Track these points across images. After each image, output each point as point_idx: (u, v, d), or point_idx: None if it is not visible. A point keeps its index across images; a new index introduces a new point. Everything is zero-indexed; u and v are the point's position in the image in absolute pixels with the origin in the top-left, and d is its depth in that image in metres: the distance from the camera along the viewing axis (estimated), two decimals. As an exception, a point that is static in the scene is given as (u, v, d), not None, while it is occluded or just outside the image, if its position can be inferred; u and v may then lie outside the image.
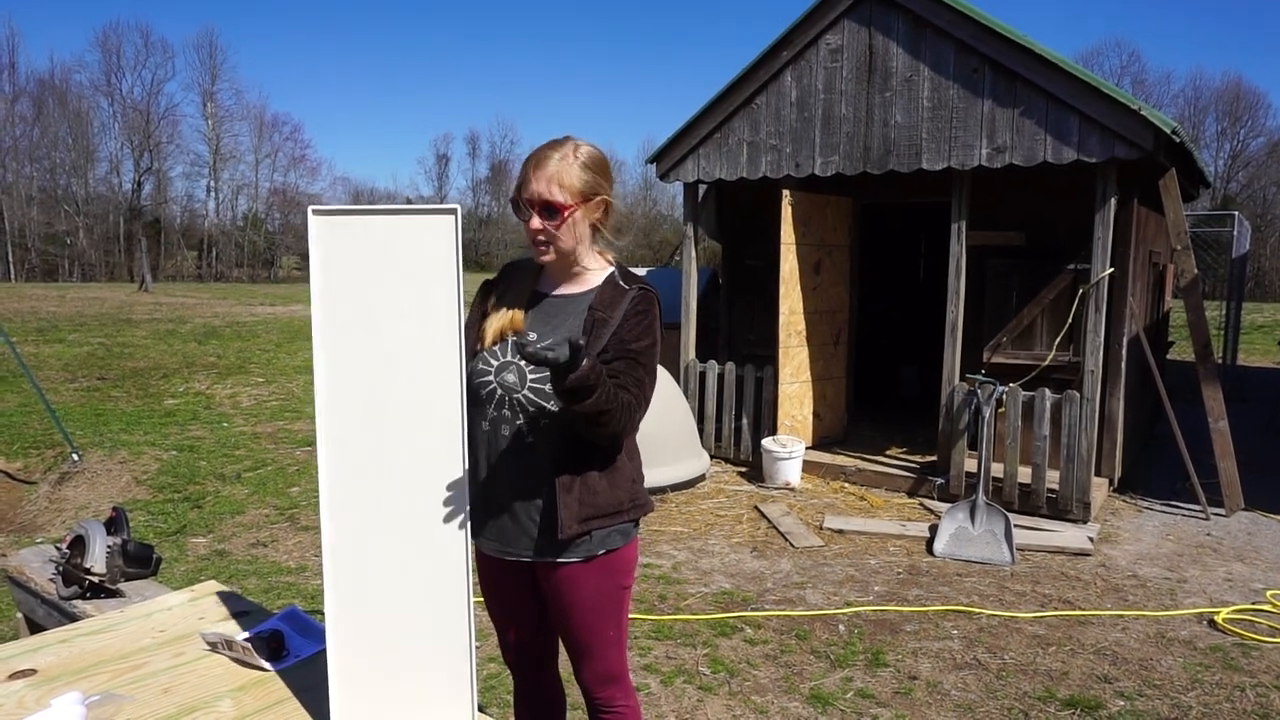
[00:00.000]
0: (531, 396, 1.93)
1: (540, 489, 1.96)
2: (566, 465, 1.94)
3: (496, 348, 1.99)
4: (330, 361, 1.75)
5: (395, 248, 1.73)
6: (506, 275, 2.13)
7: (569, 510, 1.92)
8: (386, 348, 1.75)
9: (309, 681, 1.88)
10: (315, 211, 1.73)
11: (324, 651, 1.96)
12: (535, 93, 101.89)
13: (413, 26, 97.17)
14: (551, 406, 1.91)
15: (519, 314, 2.00)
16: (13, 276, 41.15)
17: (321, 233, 1.73)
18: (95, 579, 2.62)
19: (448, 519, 1.77)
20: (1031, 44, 5.74)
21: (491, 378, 1.96)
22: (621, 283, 2.00)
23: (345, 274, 1.74)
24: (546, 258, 1.97)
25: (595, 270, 2.03)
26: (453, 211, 1.73)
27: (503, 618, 2.19)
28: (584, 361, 1.69)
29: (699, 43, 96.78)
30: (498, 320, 2.01)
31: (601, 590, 2.05)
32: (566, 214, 1.90)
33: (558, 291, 2.04)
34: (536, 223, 1.91)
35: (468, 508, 1.77)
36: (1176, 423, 6.35)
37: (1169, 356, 10.58)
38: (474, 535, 2.07)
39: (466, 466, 1.77)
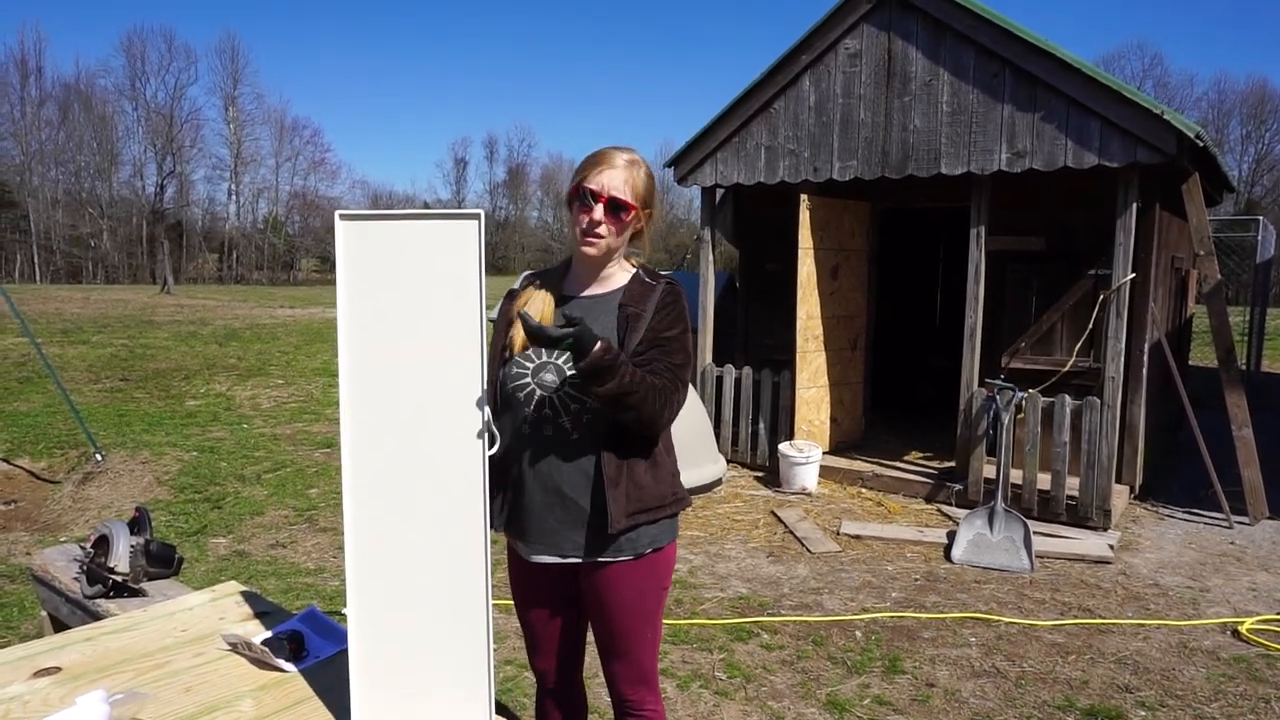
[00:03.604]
0: (573, 393, 1.93)
1: (587, 485, 1.96)
2: (613, 460, 1.94)
3: (530, 350, 1.99)
4: (354, 363, 1.78)
5: (419, 251, 1.75)
6: (530, 283, 2.13)
7: (617, 504, 1.93)
8: (410, 349, 1.77)
9: (328, 682, 1.90)
10: (342, 216, 1.76)
11: (343, 652, 1.98)
12: (553, 97, 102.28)
13: (431, 31, 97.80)
14: (593, 401, 1.90)
15: (549, 310, 2.01)
16: (38, 278, 41.71)
17: (347, 237, 1.76)
18: (119, 578, 2.65)
19: (467, 519, 1.78)
20: (1052, 47, 5.70)
21: (529, 379, 1.97)
22: (648, 280, 2.05)
23: (370, 277, 1.76)
24: (592, 250, 1.99)
25: (621, 272, 2.07)
26: (476, 216, 1.75)
27: (538, 622, 2.18)
28: (598, 343, 1.77)
29: (717, 47, 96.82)
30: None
31: (645, 590, 2.07)
32: (632, 215, 1.98)
33: (585, 293, 2.06)
34: (600, 214, 1.95)
35: (487, 507, 1.78)
36: (1199, 429, 6.28)
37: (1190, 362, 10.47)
38: (515, 539, 2.08)
39: (487, 468, 1.78)
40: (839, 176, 6.65)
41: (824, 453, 6.91)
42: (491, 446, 1.81)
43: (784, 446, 6.71)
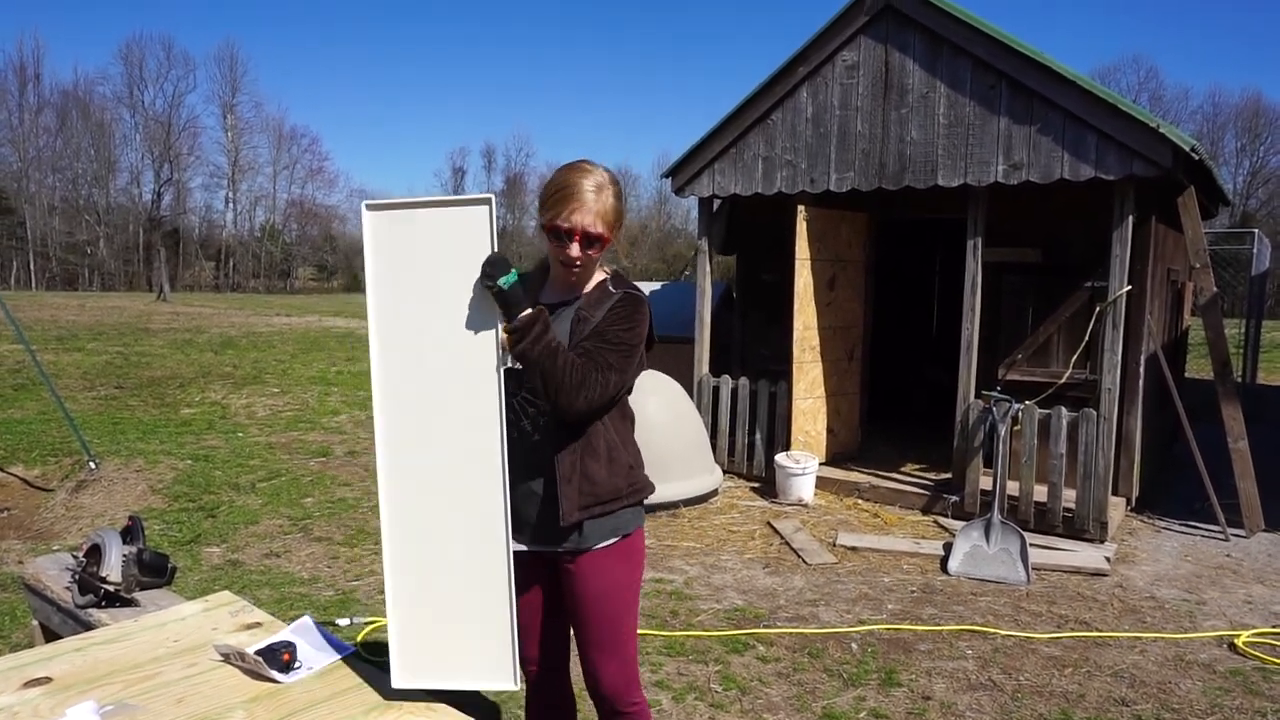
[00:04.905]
0: (530, 397, 2.08)
1: (545, 481, 2.11)
2: (566, 458, 2.08)
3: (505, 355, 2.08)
4: (383, 342, 1.92)
5: (437, 237, 1.89)
6: None
7: (569, 500, 2.08)
8: (432, 328, 1.91)
9: (321, 693, 1.89)
10: (369, 206, 1.91)
11: (336, 663, 1.97)
12: (551, 106, 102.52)
13: (430, 40, 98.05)
14: (546, 404, 2.05)
15: None
16: (34, 285, 41.65)
17: (373, 226, 1.90)
18: (111, 588, 2.63)
19: (487, 488, 1.92)
20: (1048, 60, 5.73)
21: None
22: (611, 288, 2.17)
23: (394, 263, 1.90)
24: (574, 279, 2.13)
25: (594, 279, 2.20)
26: (487, 201, 1.89)
27: (519, 617, 2.24)
28: (527, 308, 1.92)
29: (715, 57, 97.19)
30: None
31: (617, 579, 2.19)
32: (606, 244, 2.09)
33: (558, 300, 2.19)
34: (577, 251, 2.05)
35: (506, 478, 1.92)
36: (1195, 442, 6.28)
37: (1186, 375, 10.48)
38: None
39: (504, 439, 1.91)
40: (836, 187, 6.67)
41: (820, 464, 6.90)
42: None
43: (780, 457, 6.71)
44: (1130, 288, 5.84)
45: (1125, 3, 73.12)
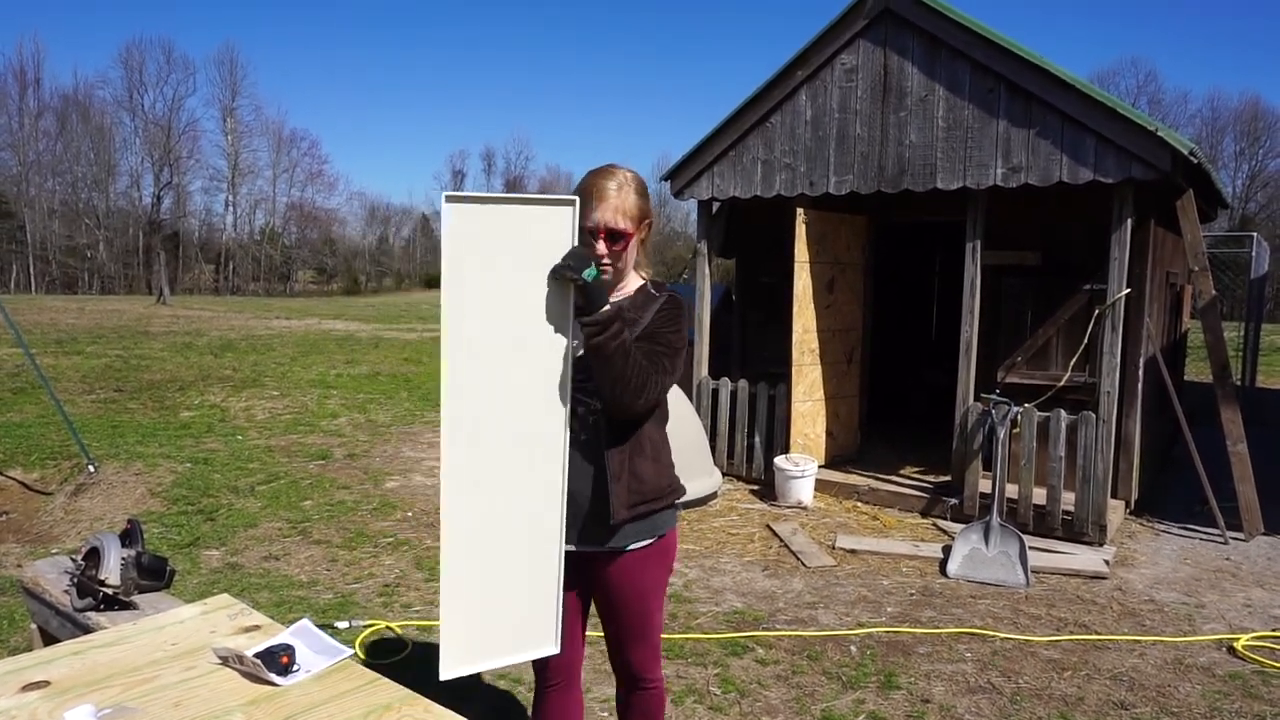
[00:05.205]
0: (580, 397, 2.09)
1: (592, 480, 2.13)
2: (615, 457, 2.12)
3: None
4: (456, 335, 1.94)
5: (518, 234, 1.92)
6: None
7: (619, 498, 2.11)
8: (506, 323, 1.95)
9: (320, 696, 1.88)
10: (449, 198, 1.90)
11: (335, 666, 1.98)
12: (550, 109, 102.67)
13: (429, 43, 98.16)
14: (596, 404, 2.08)
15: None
16: (33, 288, 41.65)
17: (453, 219, 1.90)
18: (109, 591, 2.63)
19: (547, 481, 1.99)
20: (1047, 64, 5.74)
21: None
22: (653, 291, 2.23)
23: (471, 255, 1.92)
24: (605, 278, 2.15)
25: (631, 283, 2.25)
26: (572, 203, 1.93)
27: None
28: (607, 305, 1.95)
29: (714, 60, 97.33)
30: None
31: (656, 574, 2.28)
32: (630, 240, 2.14)
33: None
34: (602, 248, 2.10)
35: (566, 473, 1.99)
36: (1194, 445, 6.28)
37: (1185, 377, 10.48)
38: None
39: (568, 437, 1.99)
40: (835, 190, 6.67)
41: (820, 466, 6.90)
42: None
43: (779, 460, 6.71)
44: (1129, 290, 5.85)
45: (1124, 6, 73.38)
